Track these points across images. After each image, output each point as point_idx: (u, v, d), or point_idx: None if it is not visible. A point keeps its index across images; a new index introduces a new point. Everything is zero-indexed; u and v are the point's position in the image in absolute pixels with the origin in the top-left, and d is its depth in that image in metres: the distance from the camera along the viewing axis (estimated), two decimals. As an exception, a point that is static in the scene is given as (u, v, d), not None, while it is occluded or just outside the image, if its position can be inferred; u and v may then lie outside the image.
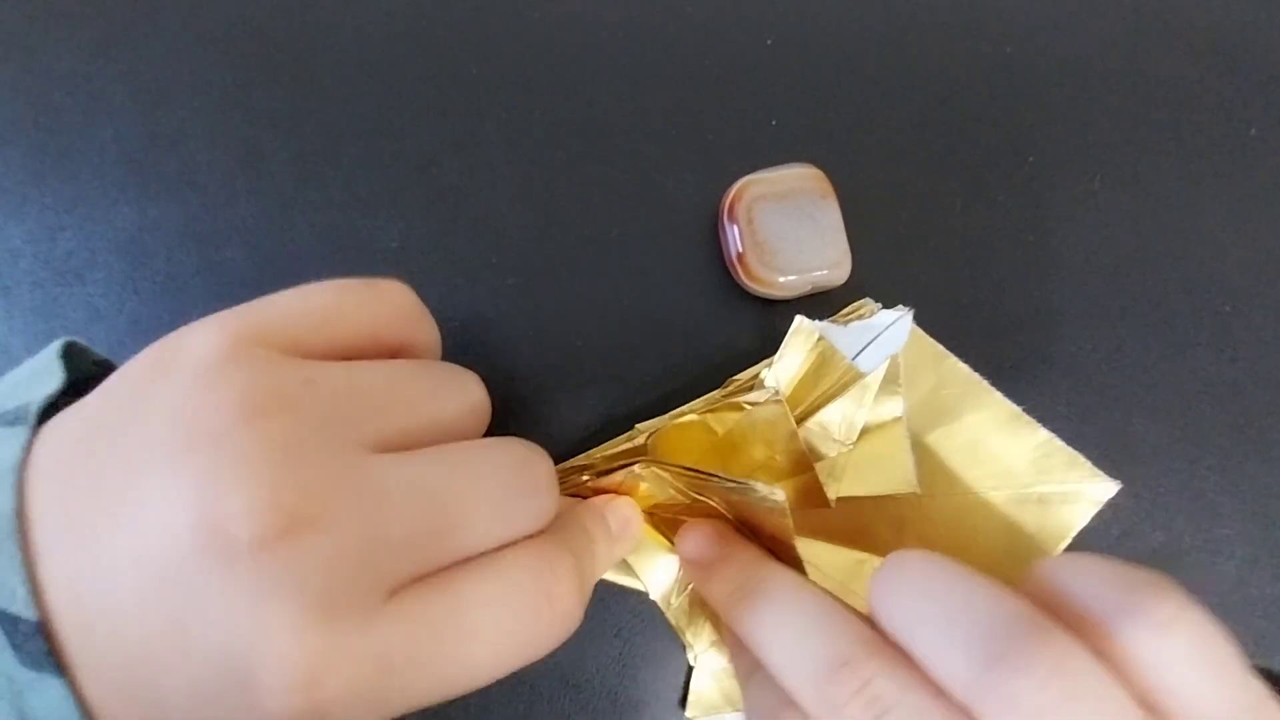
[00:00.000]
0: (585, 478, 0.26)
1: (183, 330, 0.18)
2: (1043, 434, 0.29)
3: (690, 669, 0.28)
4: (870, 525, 0.28)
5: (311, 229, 0.29)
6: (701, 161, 0.31)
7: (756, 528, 0.26)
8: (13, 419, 0.17)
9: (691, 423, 0.26)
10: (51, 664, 0.14)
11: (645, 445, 0.26)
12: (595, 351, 0.30)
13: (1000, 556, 0.28)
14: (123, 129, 0.30)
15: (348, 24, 0.31)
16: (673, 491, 0.26)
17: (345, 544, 0.15)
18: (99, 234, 0.29)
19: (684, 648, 0.28)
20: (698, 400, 0.27)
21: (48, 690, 0.14)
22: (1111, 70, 0.35)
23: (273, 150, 0.30)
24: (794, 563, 0.25)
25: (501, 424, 0.29)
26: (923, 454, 0.28)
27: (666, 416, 0.26)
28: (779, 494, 0.22)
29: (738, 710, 0.27)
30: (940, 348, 0.29)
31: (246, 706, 0.15)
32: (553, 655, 0.27)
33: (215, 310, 0.28)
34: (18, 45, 0.30)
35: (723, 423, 0.27)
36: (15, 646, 0.14)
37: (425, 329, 0.22)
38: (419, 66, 0.31)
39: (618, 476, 0.26)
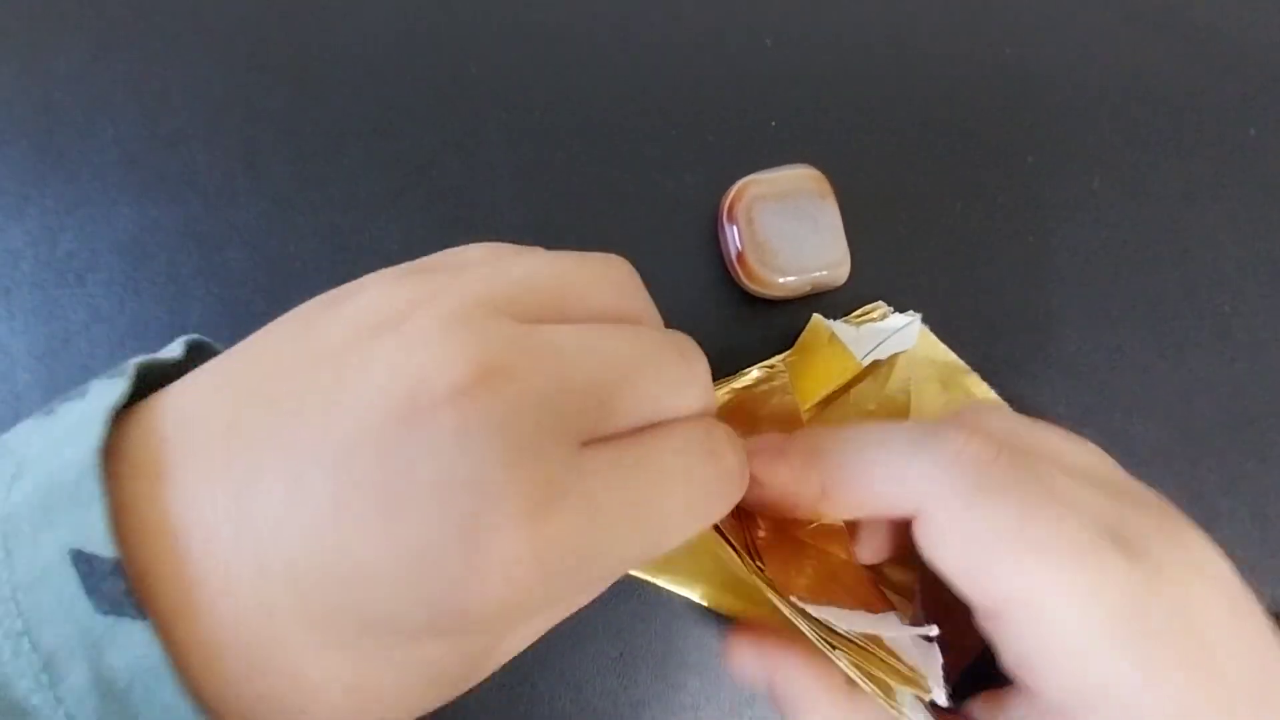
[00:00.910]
0: None
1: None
2: None
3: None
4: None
5: (311, 229, 0.30)
6: (701, 162, 0.31)
7: None
8: (118, 373, 0.16)
9: None
10: (132, 605, 0.13)
11: None
12: (595, 352, 0.30)
13: None
14: (123, 130, 0.30)
15: (348, 24, 0.31)
16: None
17: (537, 387, 0.15)
18: (100, 235, 0.29)
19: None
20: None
21: (130, 636, 0.13)
22: (1111, 71, 0.35)
23: (273, 151, 0.30)
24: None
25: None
26: None
27: None
28: (778, 368, 0.23)
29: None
30: (950, 354, 0.29)
31: (466, 559, 0.14)
32: (553, 656, 0.28)
33: (216, 311, 0.29)
34: (18, 45, 0.30)
35: (730, 414, 0.27)
36: (89, 591, 0.13)
37: (646, 308, 0.21)
38: (419, 66, 0.31)
39: None
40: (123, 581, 0.13)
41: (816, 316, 0.26)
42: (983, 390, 0.29)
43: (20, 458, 0.15)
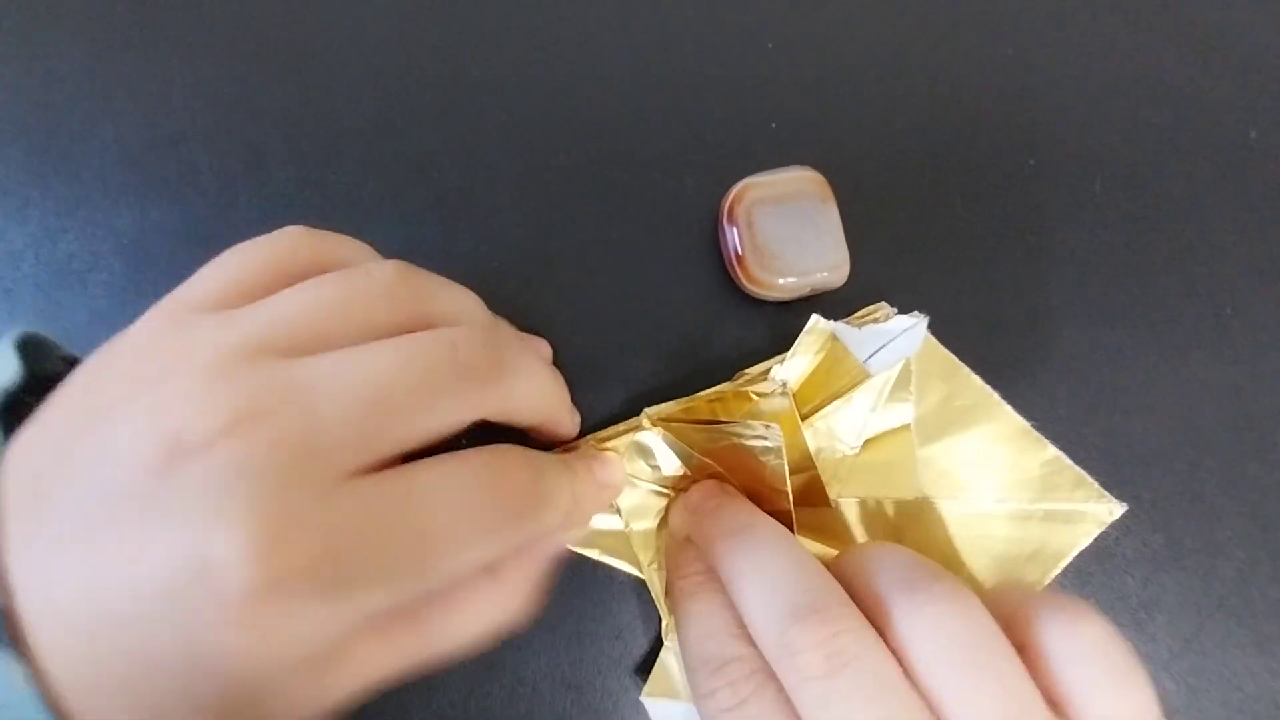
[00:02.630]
0: (590, 443, 0.27)
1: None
2: (1051, 451, 0.29)
3: (659, 645, 0.28)
4: (870, 530, 0.28)
5: (312, 230, 0.30)
6: (701, 163, 0.31)
7: (757, 492, 0.26)
8: None
9: (698, 409, 0.27)
10: (5, 640, 0.15)
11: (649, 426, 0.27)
12: (595, 353, 0.30)
13: (999, 571, 0.28)
14: (124, 131, 0.30)
15: (348, 25, 0.31)
16: (675, 456, 0.27)
17: (288, 430, 0.16)
18: (100, 236, 0.29)
19: (660, 623, 0.28)
20: (706, 390, 0.27)
21: (3, 669, 0.15)
22: (1111, 72, 0.35)
23: (273, 151, 0.30)
24: (787, 516, 0.25)
25: (500, 425, 0.29)
26: (929, 462, 0.28)
27: (674, 403, 0.27)
28: (775, 430, 0.23)
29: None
30: (953, 358, 0.29)
31: (209, 594, 0.15)
32: (554, 658, 0.28)
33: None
34: (19, 46, 0.30)
35: (729, 413, 0.27)
36: None
37: (427, 305, 0.21)
38: (419, 66, 0.31)
39: (626, 440, 0.26)
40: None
41: (816, 317, 0.26)
42: (976, 385, 0.29)
43: None
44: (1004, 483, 0.29)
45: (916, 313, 0.27)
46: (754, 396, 0.26)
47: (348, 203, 0.30)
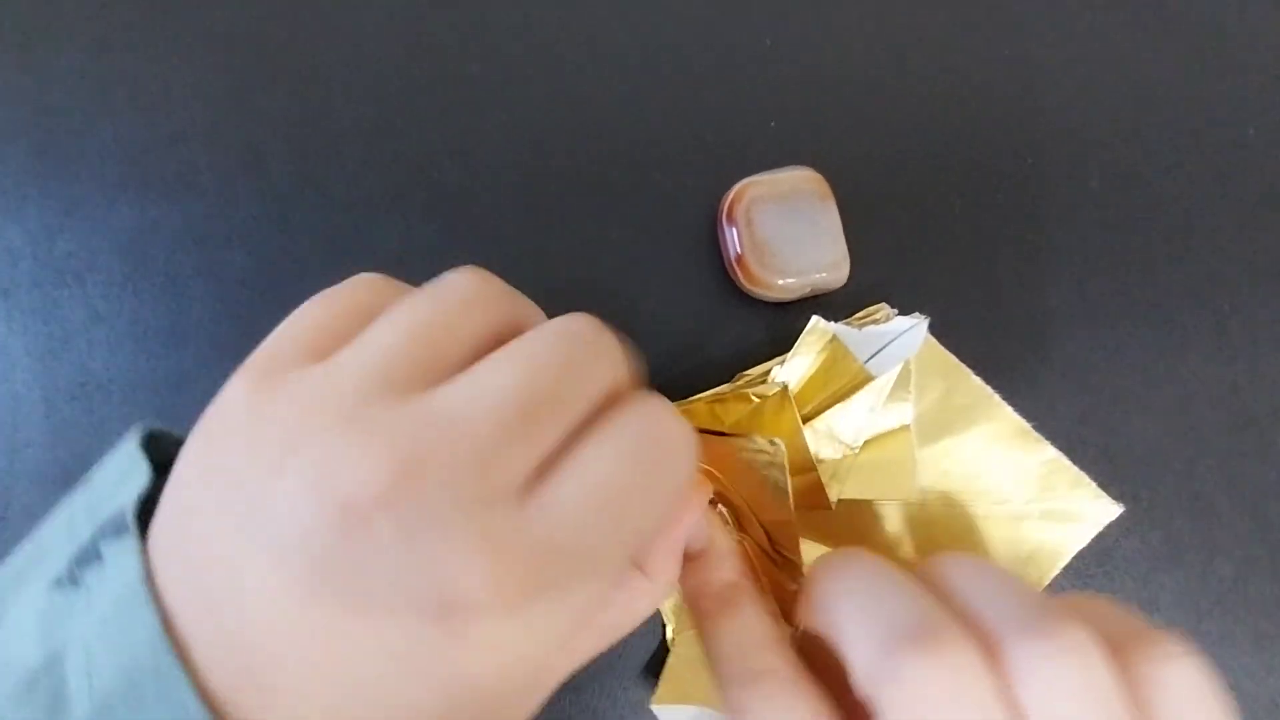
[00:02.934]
0: None
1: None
2: (1050, 451, 0.29)
3: (664, 649, 0.28)
4: (870, 530, 0.28)
5: (311, 230, 0.29)
6: (701, 163, 0.31)
7: (758, 501, 0.26)
8: (116, 528, 0.17)
9: (698, 411, 0.27)
10: None
11: None
12: (595, 352, 0.30)
13: None
14: (123, 130, 0.30)
15: (348, 26, 0.31)
16: None
17: (455, 462, 0.16)
18: (99, 235, 0.29)
19: (665, 628, 0.28)
20: (706, 391, 0.27)
21: None
22: (1111, 71, 0.35)
23: (273, 151, 0.30)
24: (789, 526, 0.25)
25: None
26: (928, 463, 0.28)
27: (674, 404, 0.27)
28: (779, 446, 0.23)
29: (705, 704, 0.27)
30: (953, 358, 0.29)
31: (453, 636, 0.15)
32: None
33: (215, 311, 0.29)
34: (18, 46, 0.30)
35: (730, 414, 0.27)
36: None
37: (514, 307, 0.21)
38: (419, 67, 0.31)
39: None
40: None
41: (816, 318, 0.26)
42: (976, 386, 0.29)
43: (65, 646, 0.16)
44: (1003, 482, 0.29)
45: (917, 314, 0.27)
46: (754, 398, 0.26)
47: (347, 202, 0.30)
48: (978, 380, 0.29)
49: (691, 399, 0.27)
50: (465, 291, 0.19)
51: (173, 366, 0.28)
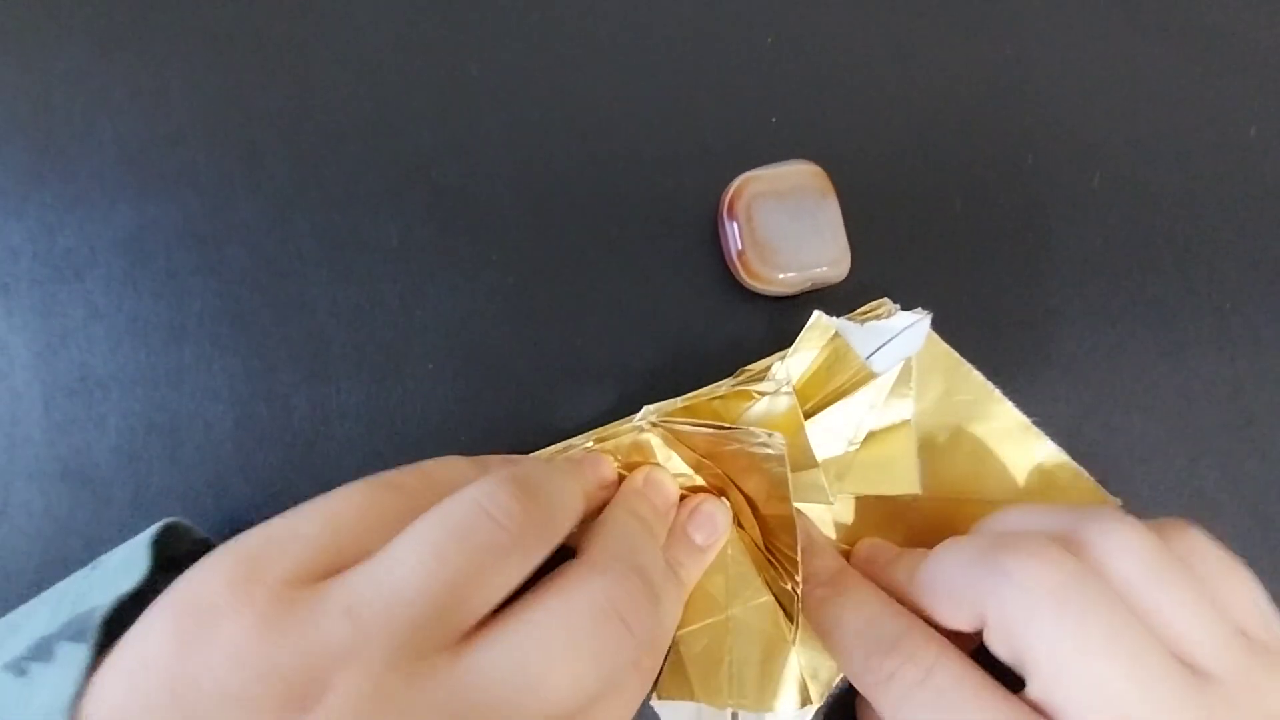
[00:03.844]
0: (589, 444, 0.27)
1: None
2: (1050, 447, 0.29)
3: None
4: (870, 525, 0.28)
5: (311, 229, 0.29)
6: (701, 158, 0.31)
7: (759, 495, 0.26)
8: (79, 631, 0.16)
9: (699, 408, 0.26)
10: None
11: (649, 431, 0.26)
12: (595, 350, 0.30)
13: None
14: (122, 128, 0.30)
15: (348, 24, 0.31)
16: (678, 458, 0.26)
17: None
18: (98, 233, 0.29)
19: None
20: (707, 387, 0.27)
21: None
22: (1111, 70, 0.35)
23: (272, 150, 0.30)
24: (789, 521, 0.25)
25: (501, 426, 0.29)
26: (929, 459, 0.28)
27: (675, 400, 0.26)
28: (778, 438, 0.23)
29: (706, 701, 0.27)
30: (955, 354, 0.29)
31: None
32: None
33: (214, 309, 0.29)
34: (18, 44, 0.30)
35: (731, 410, 0.27)
36: None
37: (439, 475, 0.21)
38: (419, 66, 0.31)
39: (626, 440, 0.26)
40: None
41: (818, 313, 0.26)
42: (978, 382, 0.29)
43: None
44: (1003, 478, 0.29)
45: (919, 309, 0.27)
46: (756, 394, 0.26)
47: (346, 200, 0.30)
48: (979, 376, 0.29)
49: (692, 395, 0.27)
50: (500, 524, 0.18)
51: (172, 363, 0.28)
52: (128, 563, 0.18)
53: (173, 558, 0.18)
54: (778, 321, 0.30)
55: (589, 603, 0.18)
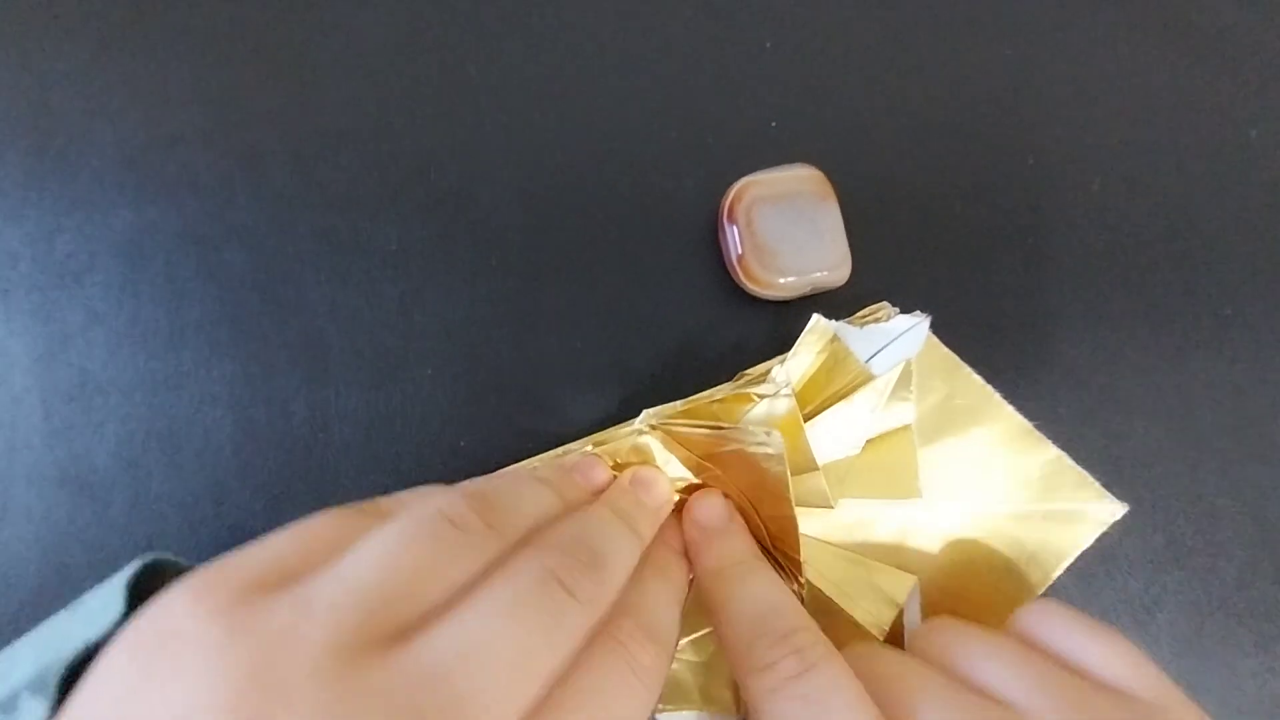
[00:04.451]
0: (587, 448, 0.27)
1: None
2: (1053, 451, 0.29)
3: None
4: (872, 530, 0.28)
5: (311, 230, 0.29)
6: (701, 162, 0.31)
7: (758, 497, 0.26)
8: (41, 684, 0.16)
9: (699, 411, 0.26)
10: None
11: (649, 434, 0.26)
12: (595, 352, 0.30)
13: (999, 571, 0.28)
14: (122, 131, 0.29)
15: (347, 25, 0.31)
16: (678, 461, 0.26)
17: None
18: (97, 236, 0.29)
19: None
20: (707, 391, 0.27)
21: None
22: (1111, 71, 0.35)
23: (272, 152, 0.30)
24: (790, 522, 0.25)
25: (500, 431, 0.29)
26: (930, 463, 0.28)
27: (674, 404, 0.26)
28: (776, 436, 0.23)
29: (707, 709, 0.27)
30: (955, 357, 0.29)
31: None
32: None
33: (214, 312, 0.28)
34: (18, 45, 0.30)
35: (730, 413, 0.27)
36: None
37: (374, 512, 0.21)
38: (418, 67, 0.31)
39: (625, 444, 0.26)
40: None
41: (817, 316, 0.26)
42: (978, 385, 0.29)
43: None
44: (1005, 483, 0.29)
45: (918, 312, 0.27)
46: (755, 397, 0.26)
47: (346, 202, 0.30)
48: (979, 380, 0.29)
49: (692, 398, 0.27)
50: (458, 525, 0.19)
51: (171, 367, 0.28)
52: (106, 605, 0.18)
53: (153, 593, 0.18)
54: (778, 326, 0.30)
55: (528, 575, 0.19)
